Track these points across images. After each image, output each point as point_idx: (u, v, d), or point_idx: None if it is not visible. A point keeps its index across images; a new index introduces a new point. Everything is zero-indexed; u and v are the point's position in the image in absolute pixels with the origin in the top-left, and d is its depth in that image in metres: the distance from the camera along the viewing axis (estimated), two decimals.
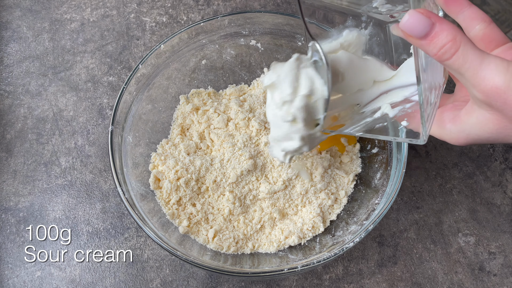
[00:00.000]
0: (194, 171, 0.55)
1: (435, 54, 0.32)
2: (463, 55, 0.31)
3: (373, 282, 0.57)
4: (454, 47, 0.31)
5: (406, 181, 0.62)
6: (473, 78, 0.32)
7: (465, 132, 0.37)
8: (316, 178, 0.56)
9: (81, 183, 0.62)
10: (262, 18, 0.60)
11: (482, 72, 0.31)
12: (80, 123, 0.66)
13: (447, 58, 0.32)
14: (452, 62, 0.32)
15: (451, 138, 0.39)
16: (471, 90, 0.33)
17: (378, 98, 0.43)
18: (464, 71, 0.32)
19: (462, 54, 0.31)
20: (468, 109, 0.36)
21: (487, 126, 0.35)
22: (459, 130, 0.38)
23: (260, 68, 0.66)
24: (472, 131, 0.36)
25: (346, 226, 0.55)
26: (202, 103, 0.62)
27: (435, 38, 0.31)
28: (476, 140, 0.37)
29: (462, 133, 0.37)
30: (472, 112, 0.36)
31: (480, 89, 0.32)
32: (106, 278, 0.57)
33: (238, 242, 0.55)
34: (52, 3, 0.75)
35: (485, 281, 0.57)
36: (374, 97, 0.43)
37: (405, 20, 0.31)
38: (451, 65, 0.32)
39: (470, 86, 0.33)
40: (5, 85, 0.69)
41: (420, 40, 0.32)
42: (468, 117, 0.36)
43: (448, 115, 0.39)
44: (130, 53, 0.71)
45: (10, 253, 0.58)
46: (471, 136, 0.37)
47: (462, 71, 0.32)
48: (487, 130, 0.35)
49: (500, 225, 0.60)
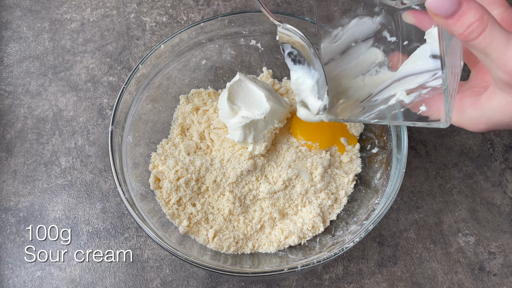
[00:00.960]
0: (194, 171, 0.55)
1: (461, 33, 0.31)
2: (490, 35, 0.31)
3: (373, 282, 0.57)
4: (482, 26, 0.31)
5: (406, 181, 0.62)
6: (499, 58, 0.31)
7: (485, 117, 0.36)
8: (316, 178, 0.56)
9: (81, 183, 0.63)
10: (262, 18, 0.60)
11: (509, 52, 0.31)
12: (80, 123, 0.66)
13: (473, 37, 0.31)
14: (479, 41, 0.31)
15: (471, 124, 0.38)
16: (495, 71, 0.32)
17: (390, 86, 0.43)
18: (490, 51, 0.31)
19: (489, 34, 0.31)
20: (489, 93, 0.36)
21: (509, 110, 0.34)
22: (479, 115, 0.37)
23: (260, 68, 0.66)
24: (493, 116, 0.36)
25: (346, 226, 0.55)
26: (202, 103, 0.62)
27: (462, 17, 0.30)
28: (496, 125, 0.36)
29: (482, 118, 0.37)
30: (493, 95, 0.35)
31: (505, 70, 0.31)
32: (106, 278, 0.57)
33: (238, 242, 0.55)
34: (52, 3, 0.75)
35: (485, 281, 0.57)
36: (386, 86, 0.43)
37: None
38: (477, 45, 0.31)
39: (494, 67, 0.32)
40: (5, 85, 0.69)
41: (447, 19, 0.31)
42: (489, 101, 0.36)
43: (468, 101, 0.38)
44: (130, 53, 0.71)
45: (10, 253, 0.58)
46: (492, 120, 0.36)
47: (488, 51, 0.31)
48: (509, 114, 0.34)
49: (500, 225, 0.60)
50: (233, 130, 0.54)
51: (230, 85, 0.56)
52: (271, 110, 0.54)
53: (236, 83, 0.56)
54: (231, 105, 0.54)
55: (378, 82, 0.44)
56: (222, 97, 0.56)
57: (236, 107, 0.55)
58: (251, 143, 0.55)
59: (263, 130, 0.55)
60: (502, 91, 0.34)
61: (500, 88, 0.34)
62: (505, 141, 0.65)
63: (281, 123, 0.57)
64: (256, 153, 0.55)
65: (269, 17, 0.44)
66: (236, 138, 0.54)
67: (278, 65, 0.65)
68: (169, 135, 0.62)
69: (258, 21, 0.61)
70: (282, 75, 0.66)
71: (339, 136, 0.59)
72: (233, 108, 0.54)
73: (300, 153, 0.57)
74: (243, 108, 0.55)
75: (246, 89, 0.56)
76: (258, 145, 0.55)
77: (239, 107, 0.55)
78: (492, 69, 0.33)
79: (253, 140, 0.54)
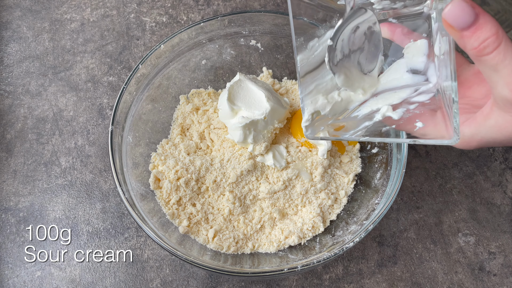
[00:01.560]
0: (194, 171, 0.55)
1: (475, 47, 0.30)
2: (504, 51, 0.30)
3: (373, 282, 0.57)
4: (497, 42, 0.30)
5: (406, 181, 0.62)
6: (510, 76, 0.30)
7: (479, 135, 0.36)
8: (316, 178, 0.56)
9: (81, 183, 0.63)
10: (262, 18, 0.60)
11: None
12: (80, 123, 0.66)
13: (487, 52, 0.30)
14: (492, 57, 0.30)
15: (462, 141, 0.37)
16: (501, 89, 0.32)
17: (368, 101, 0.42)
18: (502, 67, 0.30)
19: (503, 50, 0.30)
20: (486, 111, 0.35)
21: (506, 130, 0.33)
22: (473, 133, 0.36)
23: (260, 68, 0.66)
24: (487, 134, 0.35)
25: (346, 226, 0.55)
26: (202, 103, 0.62)
27: (478, 30, 0.30)
28: (489, 143, 0.36)
29: (476, 136, 0.36)
30: (491, 114, 0.34)
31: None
32: (106, 278, 0.57)
33: (238, 242, 0.55)
34: (52, 3, 0.75)
35: (485, 281, 0.57)
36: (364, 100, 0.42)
37: (449, 9, 0.30)
38: (490, 60, 0.31)
39: (502, 84, 0.31)
40: (5, 85, 0.69)
41: (462, 31, 0.30)
42: (485, 119, 0.35)
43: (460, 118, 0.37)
44: (130, 53, 0.71)
45: (10, 253, 0.58)
46: (485, 139, 0.35)
47: (499, 68, 0.31)
48: (505, 133, 0.34)
49: (500, 225, 0.60)
50: (233, 130, 0.54)
51: (230, 85, 0.56)
52: (271, 110, 0.54)
53: (236, 83, 0.56)
54: (231, 105, 0.54)
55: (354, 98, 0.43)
56: (222, 97, 0.56)
57: (236, 107, 0.55)
58: (251, 143, 0.55)
59: (263, 130, 0.55)
60: (502, 109, 0.33)
61: (499, 107, 0.33)
62: None
63: (281, 123, 0.57)
64: (256, 153, 0.55)
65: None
66: (236, 138, 0.54)
67: (278, 65, 0.65)
68: (169, 135, 0.62)
69: (258, 21, 0.61)
70: (282, 75, 0.66)
71: None
72: (233, 108, 0.54)
73: (300, 153, 0.57)
74: (243, 108, 0.55)
75: (246, 89, 0.56)
76: (258, 145, 0.55)
77: (239, 107, 0.55)
78: (497, 86, 0.32)
79: (253, 140, 0.54)
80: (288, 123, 0.59)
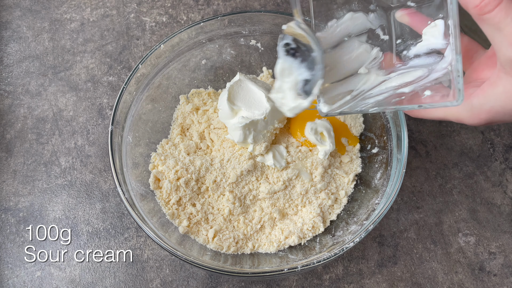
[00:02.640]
0: (194, 171, 0.55)
1: (476, 5, 0.30)
2: (505, 9, 0.30)
3: (373, 282, 0.57)
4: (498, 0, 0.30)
5: (406, 181, 0.62)
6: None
7: (488, 105, 0.35)
8: (316, 178, 0.56)
9: (81, 183, 0.62)
10: (262, 18, 0.60)
11: None
12: (80, 123, 0.66)
13: (489, 10, 0.30)
14: (494, 14, 0.30)
15: (472, 114, 0.37)
16: (505, 50, 0.32)
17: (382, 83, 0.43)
18: (504, 25, 0.30)
19: (504, 8, 0.30)
20: (493, 79, 0.35)
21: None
22: (481, 103, 0.36)
23: (260, 68, 0.66)
24: (496, 103, 0.34)
25: (346, 226, 0.54)
26: (202, 103, 0.62)
27: None
28: (499, 113, 0.35)
29: (485, 106, 0.35)
30: (498, 81, 0.34)
31: None
32: (106, 278, 0.57)
33: (238, 242, 0.54)
34: (52, 3, 0.75)
35: (485, 281, 0.57)
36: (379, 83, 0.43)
37: None
38: (492, 18, 0.31)
39: (506, 44, 0.31)
40: (5, 85, 0.69)
41: None
42: (493, 87, 0.34)
43: (467, 91, 0.37)
44: (130, 53, 0.71)
45: (10, 253, 0.58)
46: (495, 108, 0.35)
47: (501, 26, 0.31)
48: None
49: (500, 225, 0.60)
50: (233, 130, 0.54)
51: (230, 85, 0.56)
52: (271, 110, 0.54)
53: (236, 83, 0.56)
54: (231, 106, 0.54)
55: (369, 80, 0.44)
56: (222, 97, 0.56)
57: (236, 107, 0.55)
58: (251, 143, 0.55)
59: (263, 130, 0.55)
60: (509, 74, 0.33)
61: (506, 71, 0.33)
62: (505, 141, 0.65)
63: (281, 123, 0.57)
64: (256, 153, 0.55)
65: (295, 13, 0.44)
66: (236, 138, 0.54)
67: None
68: (169, 135, 0.61)
69: (258, 21, 0.61)
70: None
71: (340, 136, 0.59)
72: (233, 108, 0.54)
73: (300, 153, 0.57)
74: (243, 108, 0.55)
75: (246, 89, 0.56)
76: (258, 145, 0.55)
77: (239, 107, 0.55)
78: (502, 47, 0.32)
79: (253, 140, 0.54)
80: (288, 123, 0.59)
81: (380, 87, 0.43)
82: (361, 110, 0.44)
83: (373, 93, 0.43)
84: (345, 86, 0.45)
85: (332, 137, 0.56)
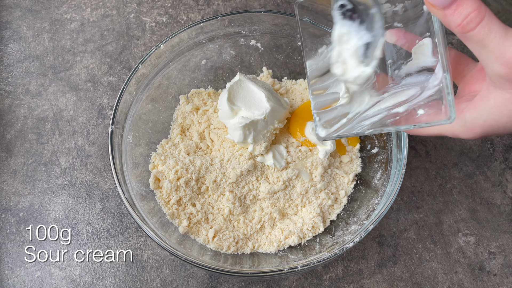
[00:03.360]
0: (194, 171, 0.55)
1: (459, 24, 0.31)
2: (488, 25, 0.31)
3: (373, 282, 0.57)
4: (480, 16, 0.31)
5: (406, 181, 0.62)
6: (497, 49, 0.31)
7: (481, 119, 0.35)
8: (316, 178, 0.56)
9: (81, 183, 0.63)
10: (262, 18, 0.60)
11: (507, 42, 0.30)
12: (80, 123, 0.66)
13: (471, 28, 0.31)
14: (477, 32, 0.31)
15: (466, 129, 0.37)
16: (492, 65, 0.32)
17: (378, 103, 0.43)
18: (488, 42, 0.31)
19: (487, 24, 0.30)
20: (483, 93, 0.35)
21: (507, 108, 0.33)
22: (474, 118, 0.36)
23: (260, 68, 0.66)
24: (490, 117, 0.35)
25: (346, 226, 0.55)
26: (202, 103, 0.62)
27: (460, 7, 0.31)
28: (493, 127, 0.35)
29: (478, 120, 0.36)
30: (489, 95, 0.34)
31: (504, 61, 0.31)
32: (106, 278, 0.57)
33: (238, 242, 0.55)
34: (52, 3, 0.75)
35: (485, 281, 0.57)
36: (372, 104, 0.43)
37: None
38: (475, 35, 0.31)
39: (492, 60, 0.32)
40: (5, 85, 0.69)
41: (444, 10, 0.31)
42: (484, 101, 0.35)
43: (459, 106, 0.38)
44: (130, 53, 0.71)
45: (10, 253, 0.58)
46: (488, 122, 0.35)
47: (486, 42, 0.31)
48: (506, 112, 0.34)
49: (500, 225, 0.60)
50: (233, 130, 0.54)
51: (230, 85, 0.56)
52: (271, 110, 0.54)
53: (236, 83, 0.56)
54: (231, 106, 0.54)
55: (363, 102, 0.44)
56: (222, 97, 0.56)
57: (236, 107, 0.55)
58: (251, 143, 0.55)
59: (263, 130, 0.55)
60: (499, 88, 0.33)
61: (496, 85, 0.33)
62: (505, 141, 0.65)
63: (281, 123, 0.57)
64: (256, 153, 0.55)
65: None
66: (236, 138, 0.54)
67: (278, 65, 0.65)
68: (169, 135, 0.62)
69: (258, 21, 0.61)
70: (282, 75, 0.66)
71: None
72: (233, 108, 0.54)
73: (300, 153, 0.57)
74: (243, 108, 0.55)
75: (246, 89, 0.56)
76: (258, 145, 0.55)
77: (239, 108, 0.55)
78: (489, 63, 0.32)
79: (253, 140, 0.54)
80: (288, 123, 0.59)
81: (375, 108, 0.42)
82: (357, 133, 0.44)
83: (368, 114, 0.43)
84: (340, 109, 0.46)
85: None
